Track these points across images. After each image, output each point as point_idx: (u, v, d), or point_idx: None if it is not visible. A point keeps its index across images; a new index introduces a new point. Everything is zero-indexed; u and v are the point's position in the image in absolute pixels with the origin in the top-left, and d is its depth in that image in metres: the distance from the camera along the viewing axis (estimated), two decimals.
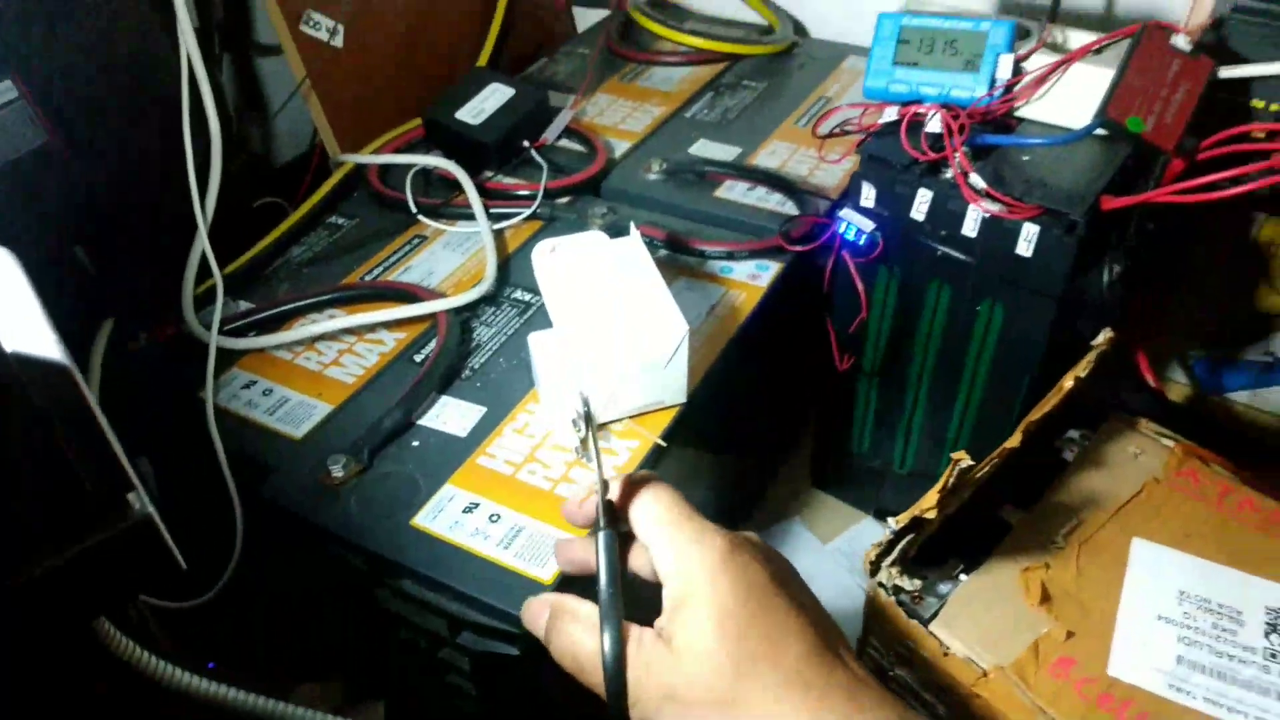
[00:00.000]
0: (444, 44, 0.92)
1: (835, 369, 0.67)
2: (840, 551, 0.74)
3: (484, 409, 0.58)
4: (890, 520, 0.45)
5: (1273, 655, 0.43)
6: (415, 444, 0.56)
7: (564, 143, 0.81)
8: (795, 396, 0.82)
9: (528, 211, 0.72)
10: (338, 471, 0.53)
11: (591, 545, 0.39)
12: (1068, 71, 0.59)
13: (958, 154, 0.57)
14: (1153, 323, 0.70)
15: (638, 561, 0.39)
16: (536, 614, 0.41)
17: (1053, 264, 0.56)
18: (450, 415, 0.57)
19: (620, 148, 0.80)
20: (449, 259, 0.70)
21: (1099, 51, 0.60)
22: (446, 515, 0.51)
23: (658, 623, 0.36)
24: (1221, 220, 0.67)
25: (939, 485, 0.43)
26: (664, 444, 0.54)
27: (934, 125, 0.59)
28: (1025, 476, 0.51)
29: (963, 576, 0.47)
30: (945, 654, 0.43)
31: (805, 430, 0.82)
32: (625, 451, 0.54)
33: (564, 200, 0.74)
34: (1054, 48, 0.62)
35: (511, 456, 0.54)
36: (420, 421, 0.57)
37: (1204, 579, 0.45)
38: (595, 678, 0.36)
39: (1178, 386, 0.74)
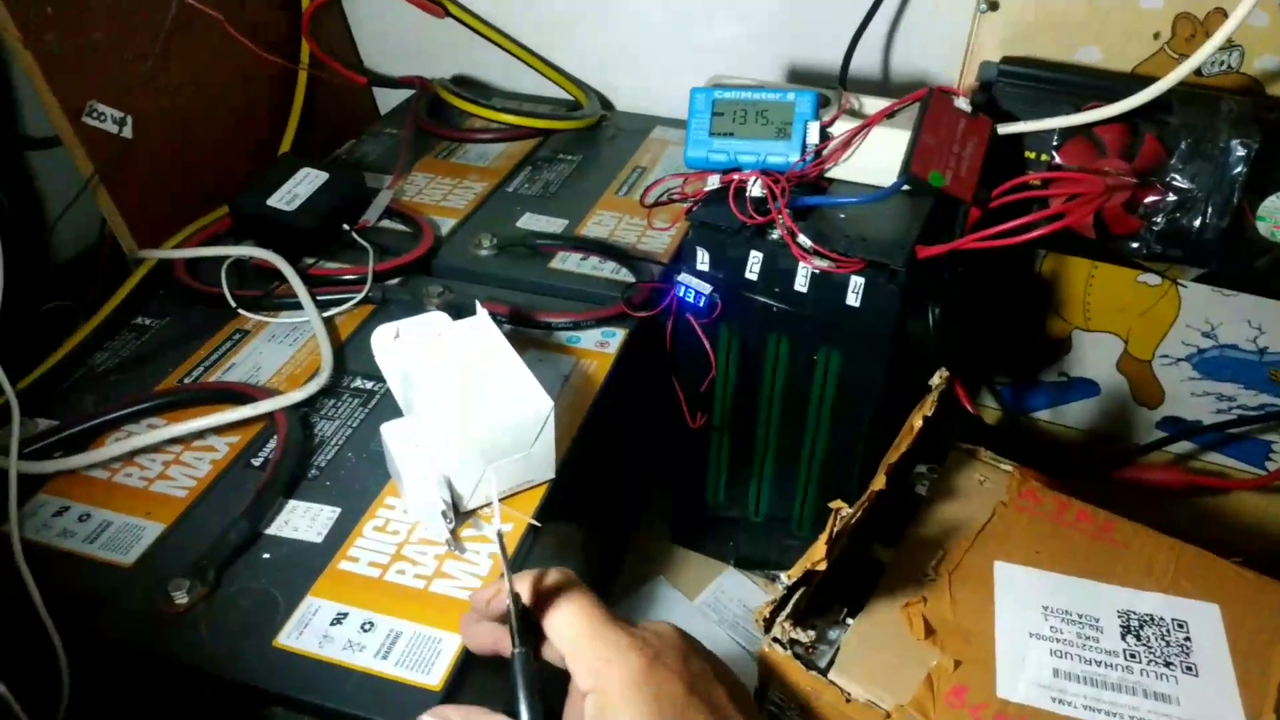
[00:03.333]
0: (244, 129, 0.88)
1: (686, 427, 0.69)
2: (708, 605, 0.75)
3: (338, 510, 0.54)
4: (782, 576, 0.46)
5: (1132, 655, 0.47)
6: (266, 556, 0.51)
7: (386, 223, 0.79)
8: (650, 457, 0.83)
9: (359, 296, 0.69)
10: (181, 597, 0.48)
11: (499, 630, 0.37)
12: (869, 135, 0.64)
13: (783, 216, 0.60)
14: (965, 356, 0.76)
15: (552, 652, 0.38)
16: None
17: (880, 311, 0.60)
18: (301, 520, 0.53)
19: (446, 225, 0.79)
20: (277, 353, 0.66)
21: (892, 115, 0.65)
22: (313, 630, 0.47)
23: None
24: (1011, 259, 0.75)
25: (825, 535, 0.44)
26: (539, 524, 0.53)
27: (756, 190, 0.62)
28: (887, 515, 0.54)
29: (849, 620, 0.48)
30: (847, 700, 0.44)
31: (659, 489, 0.83)
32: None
33: (395, 282, 0.72)
34: (853, 113, 0.67)
35: (376, 558, 0.51)
36: (269, 531, 0.53)
37: (1061, 592, 0.49)
38: None
39: (990, 411, 0.81)
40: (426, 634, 0.47)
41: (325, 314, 0.68)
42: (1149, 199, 0.64)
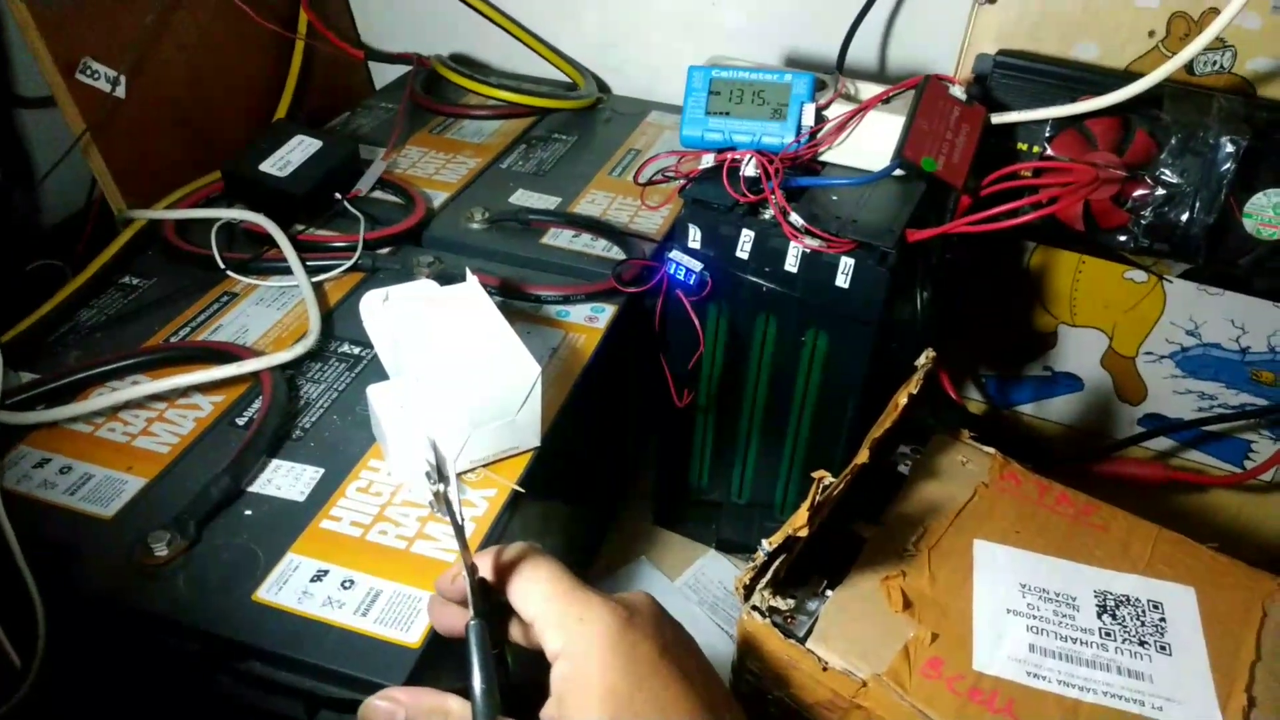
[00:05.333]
0: (237, 96, 0.87)
1: (672, 407, 0.69)
2: (688, 586, 0.75)
3: (321, 470, 0.54)
4: (764, 542, 0.46)
5: (1107, 634, 0.47)
6: (248, 513, 0.51)
7: (378, 194, 0.79)
8: (633, 436, 0.83)
9: (349, 263, 0.69)
10: (161, 549, 0.48)
11: (464, 613, 0.37)
12: (864, 119, 0.65)
13: (776, 195, 0.60)
14: (949, 346, 0.77)
15: (517, 632, 0.38)
16: (385, 717, 0.37)
17: (869, 293, 0.60)
18: (284, 479, 0.53)
19: (438, 198, 0.79)
20: (264, 315, 0.65)
21: (888, 101, 0.65)
22: (292, 586, 0.47)
23: (545, 710, 0.35)
24: (1000, 251, 0.75)
25: (807, 503, 0.44)
26: (522, 490, 0.53)
27: (750, 169, 0.62)
28: (868, 492, 0.54)
29: (828, 593, 0.49)
30: (825, 669, 0.45)
31: (641, 469, 0.83)
32: (482, 502, 0.52)
33: (385, 251, 0.72)
34: (848, 98, 0.67)
35: (358, 518, 0.51)
36: (251, 488, 0.52)
37: (1039, 571, 0.50)
38: None
39: (973, 403, 0.82)
40: (407, 593, 0.47)
41: (314, 279, 0.67)
42: (1138, 193, 0.64)
